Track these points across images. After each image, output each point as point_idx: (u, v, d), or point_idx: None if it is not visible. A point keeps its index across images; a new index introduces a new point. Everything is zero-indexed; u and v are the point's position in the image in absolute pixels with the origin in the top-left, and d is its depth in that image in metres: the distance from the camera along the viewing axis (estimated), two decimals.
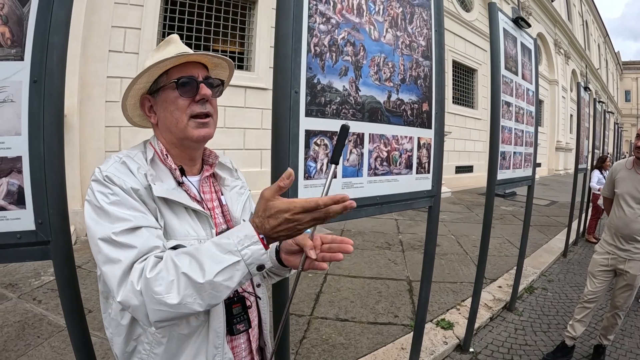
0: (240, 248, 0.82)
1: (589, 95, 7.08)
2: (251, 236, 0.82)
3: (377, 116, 1.76)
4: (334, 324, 3.35)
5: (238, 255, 0.82)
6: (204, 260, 0.81)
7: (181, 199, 0.99)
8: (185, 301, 0.80)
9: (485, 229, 3.04)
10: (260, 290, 1.19)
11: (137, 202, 0.91)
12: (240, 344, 1.10)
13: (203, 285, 0.80)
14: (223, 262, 0.81)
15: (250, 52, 7.60)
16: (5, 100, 1.13)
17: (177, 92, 1.01)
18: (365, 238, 6.13)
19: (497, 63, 2.92)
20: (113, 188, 0.90)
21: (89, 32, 5.67)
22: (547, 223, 7.96)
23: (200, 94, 1.02)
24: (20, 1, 1.14)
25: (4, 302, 3.44)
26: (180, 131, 1.03)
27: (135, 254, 0.84)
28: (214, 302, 0.83)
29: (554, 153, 21.83)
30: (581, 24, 27.04)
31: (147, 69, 0.99)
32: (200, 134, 1.03)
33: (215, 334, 0.99)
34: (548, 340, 3.29)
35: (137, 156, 1.01)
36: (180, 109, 1.02)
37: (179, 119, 1.02)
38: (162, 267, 0.82)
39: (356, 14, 1.64)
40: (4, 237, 1.15)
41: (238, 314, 1.05)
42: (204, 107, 1.04)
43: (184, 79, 1.01)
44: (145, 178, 0.96)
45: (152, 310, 0.80)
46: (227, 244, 0.83)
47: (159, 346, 0.96)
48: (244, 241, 0.82)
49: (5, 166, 1.14)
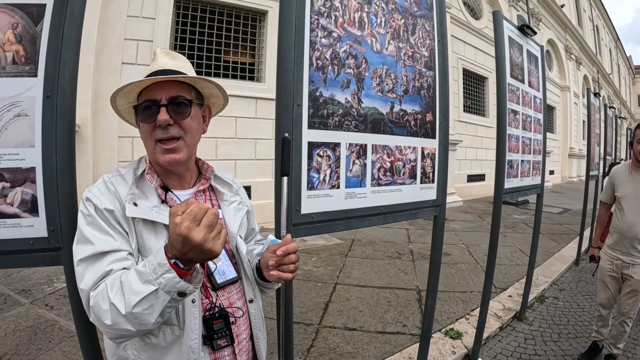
0: (155, 277, 0.82)
1: (599, 101, 7.01)
2: (163, 264, 0.82)
3: (380, 127, 1.79)
4: (342, 333, 3.35)
5: (155, 284, 0.82)
6: (125, 290, 0.84)
7: (156, 217, 1.00)
8: (117, 324, 0.85)
9: (493, 237, 3.03)
10: (254, 306, 1.18)
11: (108, 224, 0.96)
12: (224, 357, 1.08)
13: (125, 315, 0.84)
14: (140, 292, 0.83)
15: (260, 64, 7.70)
16: (20, 114, 1.19)
17: (140, 117, 1.03)
18: (375, 248, 6.12)
19: (503, 71, 2.93)
20: (89, 209, 0.97)
21: (102, 45, 5.83)
22: (560, 231, 7.85)
23: (158, 120, 0.98)
24: (33, 20, 1.21)
25: (17, 308, 3.52)
26: (151, 154, 1.05)
27: (92, 283, 0.91)
28: (143, 328, 0.86)
29: (567, 160, 21.53)
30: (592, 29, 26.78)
31: (117, 90, 1.02)
32: (166, 159, 1.02)
33: (189, 349, 1.00)
34: (558, 350, 3.24)
35: (128, 174, 1.05)
36: (145, 133, 1.03)
37: (147, 143, 1.04)
38: (98, 296, 0.88)
39: (358, 27, 1.68)
40: (18, 243, 1.21)
41: (219, 330, 1.05)
42: (166, 132, 1.00)
43: (145, 103, 1.01)
44: (126, 197, 0.99)
45: (104, 331, 0.88)
46: (144, 273, 0.84)
47: (144, 353, 1.00)
48: (157, 269, 0.82)
49: (20, 176, 1.20)
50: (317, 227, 1.58)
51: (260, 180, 7.30)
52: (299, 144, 1.48)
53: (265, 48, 7.59)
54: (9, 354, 2.77)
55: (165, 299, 0.83)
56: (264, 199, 7.02)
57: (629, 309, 2.82)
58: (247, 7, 7.34)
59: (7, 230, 1.19)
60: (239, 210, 1.24)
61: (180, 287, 0.83)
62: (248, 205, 1.31)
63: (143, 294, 0.82)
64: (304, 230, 1.54)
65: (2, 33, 1.18)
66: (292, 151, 1.45)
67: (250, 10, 7.43)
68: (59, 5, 1.22)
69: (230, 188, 1.25)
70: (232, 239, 1.17)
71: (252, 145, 7.36)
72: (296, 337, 3.23)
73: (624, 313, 2.85)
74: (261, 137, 7.42)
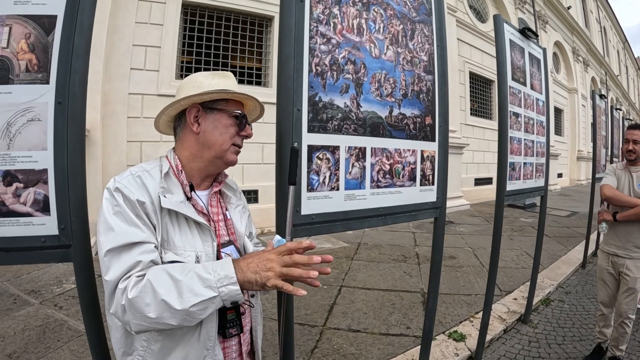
0: (219, 285, 0.94)
1: (605, 102, 6.98)
2: (231, 277, 0.95)
3: (378, 131, 1.83)
4: (345, 334, 3.38)
5: (216, 291, 0.94)
6: (184, 290, 0.93)
7: (187, 212, 1.09)
8: (162, 318, 0.92)
9: (496, 239, 3.04)
10: (254, 299, 1.28)
11: (136, 216, 1.01)
12: (232, 346, 1.18)
13: (179, 311, 0.92)
14: (201, 295, 0.93)
15: (267, 69, 7.76)
16: (33, 119, 1.26)
17: (232, 122, 1.19)
18: (381, 251, 6.14)
19: (504, 74, 2.96)
20: (118, 199, 1.01)
21: (111, 51, 5.94)
22: (567, 234, 7.80)
23: (246, 132, 1.23)
24: (45, 31, 1.28)
25: (26, 308, 3.60)
26: (221, 151, 1.18)
27: (120, 273, 0.96)
28: (186, 323, 0.95)
29: (575, 163, 21.33)
30: (599, 31, 26.56)
31: (228, 92, 1.17)
32: (235, 159, 1.23)
33: (207, 337, 1.08)
34: (562, 353, 3.24)
35: (154, 170, 1.12)
36: (230, 135, 1.19)
37: (225, 142, 1.18)
38: (142, 290, 0.93)
39: (356, 34, 1.72)
40: (30, 241, 1.28)
41: (231, 320, 1.14)
42: (242, 141, 1.25)
43: (242, 114, 1.21)
44: (157, 191, 1.06)
45: (134, 323, 0.93)
46: (208, 279, 0.94)
47: (155, 343, 1.05)
48: (223, 280, 0.95)
49: (33, 177, 1.27)
50: (317, 228, 1.62)
51: (267, 184, 7.35)
52: (299, 147, 1.52)
53: (271, 53, 7.65)
54: (18, 352, 2.84)
55: (219, 304, 0.95)
56: (272, 203, 7.04)
57: (626, 308, 2.85)
58: (254, 13, 7.43)
59: (20, 228, 1.27)
60: (244, 213, 1.35)
61: (238, 298, 0.96)
62: (248, 210, 1.41)
63: (204, 297, 0.93)
64: (304, 231, 1.58)
65: (16, 43, 1.26)
66: (291, 158, 1.50)
67: (257, 16, 7.52)
68: (69, 17, 1.29)
69: (234, 192, 1.36)
70: (240, 238, 1.27)
71: (259, 150, 7.41)
72: (300, 338, 3.27)
73: (622, 313, 2.88)
74: (268, 142, 7.46)
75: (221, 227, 1.24)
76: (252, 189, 7.33)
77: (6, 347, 2.91)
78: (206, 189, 1.24)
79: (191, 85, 1.17)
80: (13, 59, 1.25)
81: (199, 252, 1.09)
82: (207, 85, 1.16)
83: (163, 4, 6.47)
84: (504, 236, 6.80)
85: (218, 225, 1.22)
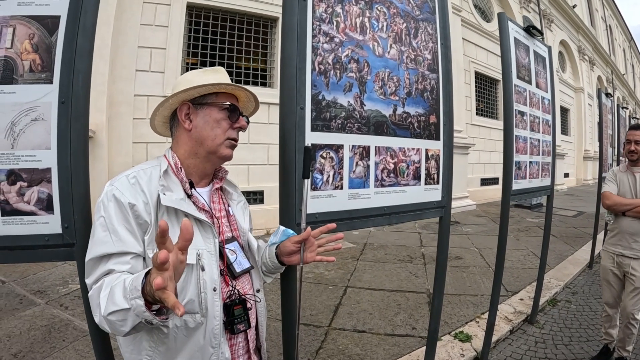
0: (130, 297, 0.84)
1: (611, 101, 6.92)
2: (137, 289, 0.83)
3: (382, 129, 1.82)
4: (351, 335, 3.37)
5: (129, 303, 0.84)
6: (110, 296, 0.90)
7: (187, 209, 1.08)
8: (101, 324, 0.92)
9: (502, 239, 3.02)
10: (259, 295, 1.27)
11: (124, 221, 1.01)
12: (239, 343, 1.18)
13: (102, 318, 0.90)
14: (118, 305, 0.86)
15: (272, 70, 7.76)
16: (37, 118, 1.27)
17: (223, 115, 1.17)
18: (387, 251, 6.11)
19: (509, 73, 2.94)
20: (107, 205, 1.02)
21: (116, 53, 5.98)
22: (574, 234, 7.73)
23: (240, 124, 1.20)
24: (48, 31, 1.29)
25: (32, 308, 3.62)
26: (215, 146, 1.16)
27: (94, 280, 0.98)
28: (116, 333, 0.92)
29: (582, 162, 21.15)
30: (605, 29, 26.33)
31: (214, 84, 1.15)
32: (230, 154, 1.20)
33: (212, 335, 1.07)
34: (569, 354, 3.21)
35: (152, 169, 1.12)
36: (222, 128, 1.17)
37: (218, 136, 1.16)
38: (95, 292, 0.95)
39: (359, 32, 1.72)
40: (34, 239, 1.29)
41: (239, 315, 1.13)
42: (238, 135, 1.22)
43: (233, 106, 1.19)
44: (156, 189, 1.06)
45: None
46: (126, 288, 0.86)
47: (162, 344, 1.04)
48: (133, 292, 0.83)
49: (37, 176, 1.28)
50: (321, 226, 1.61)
51: (273, 185, 7.35)
52: (302, 145, 1.51)
53: (276, 54, 7.66)
54: (23, 352, 2.86)
55: (135, 319, 0.85)
56: (278, 204, 7.05)
57: (632, 309, 2.82)
58: (258, 14, 7.43)
59: (24, 227, 1.27)
60: (245, 209, 1.36)
61: (145, 317, 0.83)
62: (248, 207, 1.41)
63: (119, 307, 0.86)
64: None
65: (19, 43, 1.26)
66: (297, 154, 1.50)
67: (262, 17, 7.53)
68: (72, 18, 1.30)
69: (235, 189, 1.36)
70: (243, 234, 1.28)
71: (264, 151, 7.41)
72: (305, 338, 3.26)
73: (627, 314, 2.85)
74: (273, 142, 7.45)
75: (224, 223, 1.23)
76: (257, 190, 7.34)
77: (12, 346, 2.92)
78: (206, 185, 1.24)
79: (182, 83, 1.17)
80: (17, 59, 1.26)
81: (199, 249, 1.08)
82: (198, 82, 1.15)
83: (168, 5, 6.49)
84: (511, 236, 6.77)
85: (221, 221, 1.22)
